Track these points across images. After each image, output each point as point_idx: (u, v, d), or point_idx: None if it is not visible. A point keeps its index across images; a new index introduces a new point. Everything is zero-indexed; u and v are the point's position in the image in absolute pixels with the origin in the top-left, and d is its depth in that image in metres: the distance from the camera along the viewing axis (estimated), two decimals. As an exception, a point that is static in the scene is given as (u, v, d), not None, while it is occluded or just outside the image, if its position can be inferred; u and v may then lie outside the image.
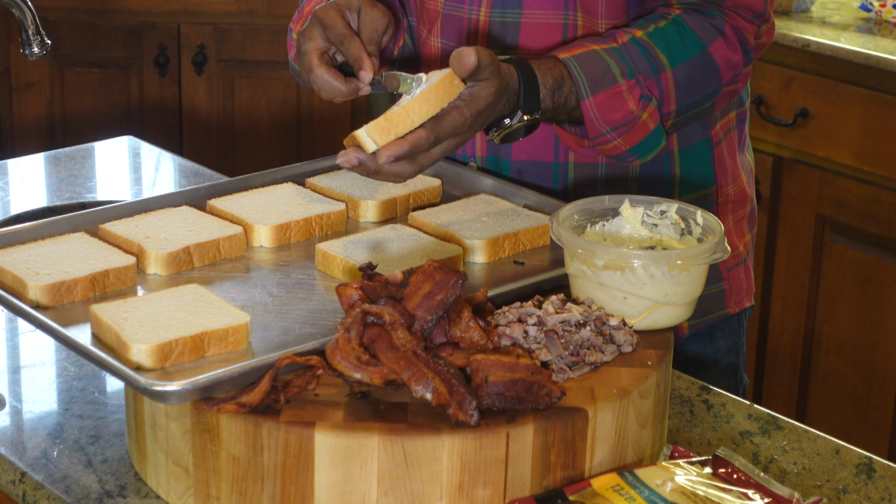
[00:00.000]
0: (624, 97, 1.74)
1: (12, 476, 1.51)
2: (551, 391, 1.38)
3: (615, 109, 1.74)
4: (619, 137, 1.76)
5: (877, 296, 3.12)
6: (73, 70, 3.85)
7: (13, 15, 2.19)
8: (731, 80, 1.82)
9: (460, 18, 1.88)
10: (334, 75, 1.70)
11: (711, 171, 1.94)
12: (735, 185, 1.96)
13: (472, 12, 1.87)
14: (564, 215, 1.60)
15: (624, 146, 1.78)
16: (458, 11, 1.88)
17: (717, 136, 1.93)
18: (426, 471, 1.34)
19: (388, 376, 1.38)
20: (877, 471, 1.56)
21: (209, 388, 1.38)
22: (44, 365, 1.73)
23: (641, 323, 1.52)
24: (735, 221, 1.98)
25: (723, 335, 2.00)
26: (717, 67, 1.80)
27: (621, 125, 1.75)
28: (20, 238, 1.67)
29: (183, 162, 2.41)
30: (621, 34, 1.77)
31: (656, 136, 1.79)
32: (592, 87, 1.73)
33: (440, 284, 1.44)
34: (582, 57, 1.74)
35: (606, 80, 1.74)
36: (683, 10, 1.81)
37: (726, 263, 1.97)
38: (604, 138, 1.76)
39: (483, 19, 1.86)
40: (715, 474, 1.42)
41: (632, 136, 1.77)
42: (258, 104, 3.87)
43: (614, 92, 1.74)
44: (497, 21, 1.85)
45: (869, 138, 3.07)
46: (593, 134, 1.76)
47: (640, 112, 1.75)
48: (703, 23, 1.79)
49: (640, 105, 1.75)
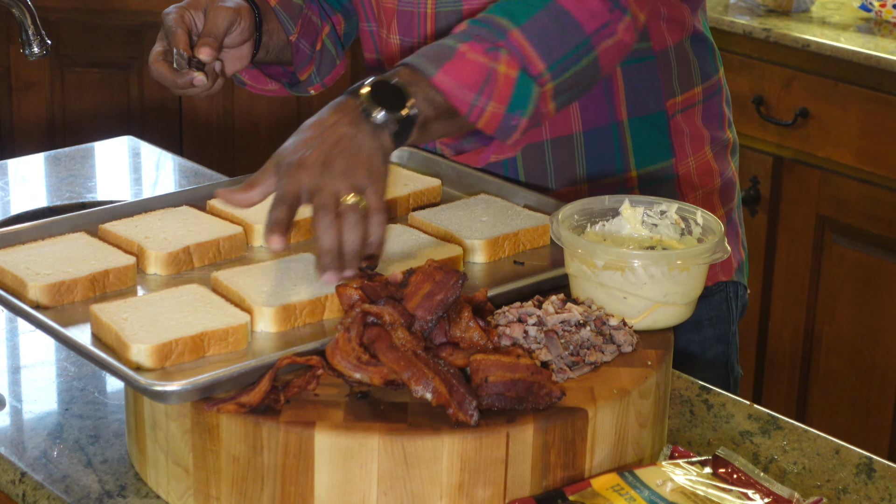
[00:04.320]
0: (469, 57, 1.67)
1: (12, 476, 1.51)
2: (551, 391, 1.38)
3: (467, 71, 1.67)
4: (489, 101, 1.67)
5: (877, 296, 3.12)
6: (73, 70, 3.86)
7: (13, 15, 2.19)
8: (599, 28, 1.74)
9: (412, 13, 1.89)
10: (168, 68, 1.85)
11: (668, 142, 1.92)
12: (697, 159, 1.94)
13: (421, 5, 1.88)
14: (564, 215, 1.60)
15: (500, 108, 1.69)
16: (410, 6, 1.89)
17: (674, 107, 1.91)
18: (426, 471, 1.34)
19: (388, 376, 1.38)
20: (877, 471, 1.56)
21: (209, 388, 1.38)
22: (44, 365, 1.73)
23: (641, 323, 1.52)
24: (703, 196, 1.96)
25: (710, 324, 1.99)
26: (573, 17, 1.72)
27: (482, 84, 1.67)
28: (20, 238, 1.67)
29: (183, 162, 2.41)
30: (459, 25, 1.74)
31: (525, 85, 1.70)
32: (435, 64, 1.66)
33: (440, 284, 1.44)
34: (418, 52, 1.70)
35: (445, 53, 1.67)
36: None
37: None
38: (476, 108, 1.67)
39: (430, 12, 1.87)
40: (715, 474, 1.42)
41: (499, 93, 1.68)
42: (258, 104, 3.87)
43: (458, 56, 1.67)
44: (441, 12, 1.87)
45: (869, 138, 3.07)
46: (464, 108, 1.67)
47: (493, 64, 1.68)
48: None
49: (489, 56, 1.68)
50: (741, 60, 3.22)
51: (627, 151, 1.90)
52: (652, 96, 1.90)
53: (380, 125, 1.60)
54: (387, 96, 1.62)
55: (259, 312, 1.50)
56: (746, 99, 3.23)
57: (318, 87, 2.07)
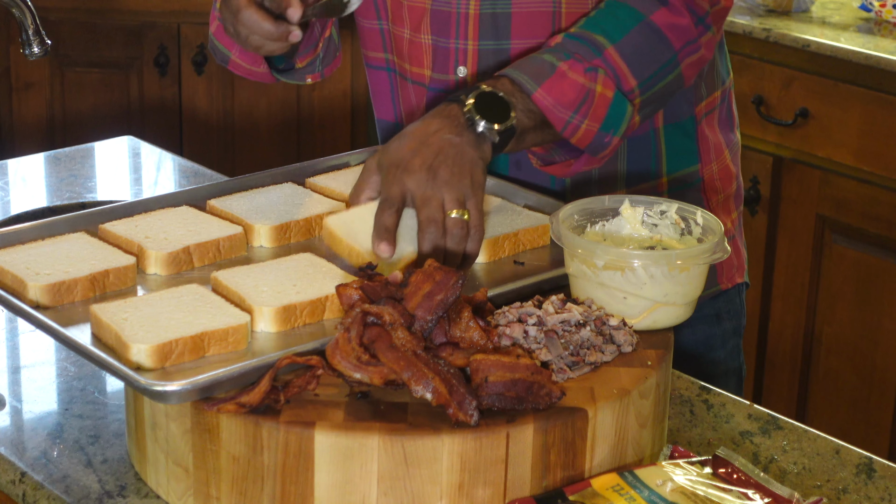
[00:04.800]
0: (569, 76, 1.71)
1: (12, 476, 1.51)
2: (551, 391, 1.38)
3: (566, 91, 1.71)
4: (584, 119, 1.72)
5: (877, 296, 3.12)
6: (73, 70, 3.86)
7: (13, 15, 2.19)
8: (685, 45, 1.78)
9: (449, 13, 1.86)
10: (263, 16, 1.66)
11: (695, 148, 1.93)
12: (719, 163, 1.96)
13: (461, 6, 1.85)
14: (564, 215, 1.60)
15: (594, 126, 1.73)
16: (446, 6, 1.86)
17: (700, 113, 1.93)
18: (426, 471, 1.34)
19: (388, 376, 1.38)
20: (877, 471, 1.56)
21: (209, 388, 1.38)
22: (44, 365, 1.73)
23: (641, 323, 1.52)
24: (723, 200, 1.97)
25: (728, 316, 2.00)
26: (663, 34, 1.76)
27: (579, 104, 1.71)
28: (20, 238, 1.67)
29: (183, 162, 2.41)
30: (554, 38, 1.77)
31: (620, 105, 1.74)
32: (536, 80, 1.70)
33: (440, 284, 1.44)
34: (516, 64, 1.73)
35: (545, 69, 1.71)
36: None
37: None
38: (572, 125, 1.72)
39: (473, 13, 1.84)
40: (715, 474, 1.42)
41: (595, 112, 1.73)
42: (258, 104, 3.87)
43: (558, 75, 1.71)
44: (488, 13, 1.84)
45: (869, 138, 3.07)
46: (560, 125, 1.71)
47: (591, 84, 1.72)
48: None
49: (587, 77, 1.72)
50: (741, 60, 3.22)
51: (661, 157, 1.91)
52: (685, 103, 1.91)
53: (482, 135, 1.64)
54: (491, 107, 1.66)
55: (259, 312, 1.50)
56: (746, 99, 3.23)
57: (317, 77, 2.00)
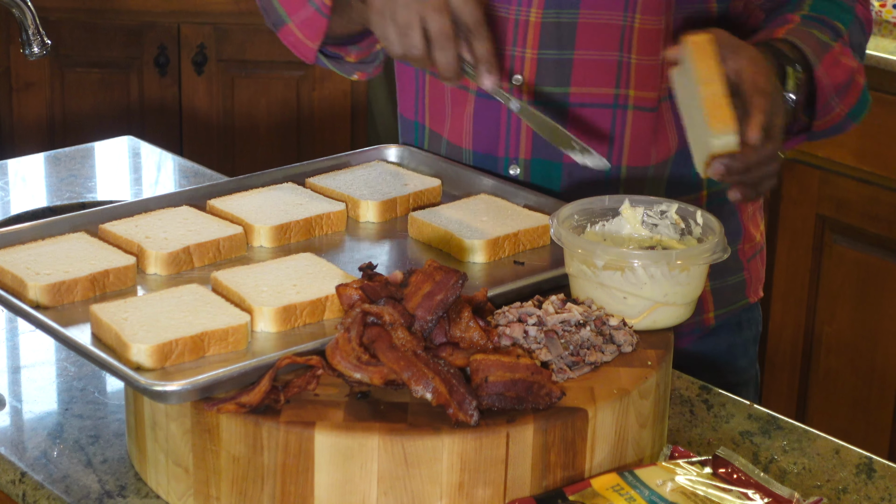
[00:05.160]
0: (840, 59, 1.73)
1: (12, 476, 1.51)
2: (551, 391, 1.38)
3: (839, 72, 1.73)
4: (840, 102, 1.74)
5: (877, 296, 3.12)
6: (73, 70, 3.86)
7: (13, 15, 2.19)
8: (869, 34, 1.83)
9: (505, 20, 1.80)
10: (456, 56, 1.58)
11: None
12: None
13: (521, 13, 1.79)
14: (564, 215, 1.60)
15: (844, 110, 1.76)
16: (503, 12, 1.80)
17: None
18: (426, 471, 1.34)
19: (388, 376, 1.38)
20: (877, 471, 1.56)
21: (209, 388, 1.38)
22: (44, 365, 1.73)
23: (641, 323, 1.52)
24: (753, 212, 1.97)
25: (748, 325, 2.00)
26: (864, 28, 1.80)
27: (842, 87, 1.73)
28: (20, 238, 1.67)
29: (183, 162, 2.41)
30: (790, 16, 1.75)
31: (865, 94, 1.78)
32: (817, 55, 1.70)
33: (440, 284, 1.44)
34: (793, 32, 1.70)
35: (822, 47, 1.71)
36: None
37: (746, 253, 1.96)
38: (829, 107, 1.74)
39: (534, 20, 1.79)
40: (715, 474, 1.42)
41: (849, 97, 1.75)
42: (258, 104, 3.88)
43: (832, 56, 1.72)
44: (551, 22, 1.79)
45: (869, 138, 3.07)
46: (822, 103, 1.72)
47: (854, 68, 1.75)
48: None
49: (853, 61, 1.75)
50: (741, 60, 3.22)
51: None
52: None
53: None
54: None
55: (259, 312, 1.50)
56: (746, 99, 3.23)
57: (365, 76, 1.92)
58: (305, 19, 1.77)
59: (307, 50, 1.81)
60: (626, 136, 1.82)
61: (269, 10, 1.83)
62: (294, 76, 3.84)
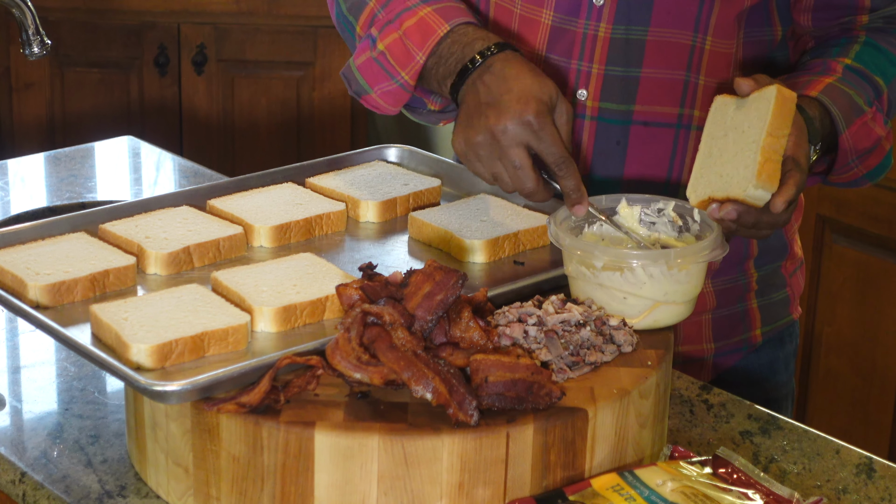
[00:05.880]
0: (870, 126, 1.73)
1: (12, 476, 1.51)
2: (551, 391, 1.38)
3: (865, 138, 1.72)
4: (860, 163, 1.75)
5: (877, 296, 3.12)
6: (73, 70, 3.86)
7: (13, 15, 2.19)
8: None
9: (574, 33, 1.77)
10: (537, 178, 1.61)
11: None
12: None
13: (590, 27, 1.76)
14: (562, 216, 1.60)
15: (861, 171, 1.76)
16: (572, 25, 1.77)
17: None
18: (426, 471, 1.34)
19: (388, 376, 1.38)
20: (877, 471, 1.56)
21: (209, 388, 1.38)
22: (44, 365, 1.73)
23: (642, 322, 1.52)
24: (794, 229, 1.97)
25: (790, 338, 1.99)
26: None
27: (867, 151, 1.74)
28: (20, 238, 1.67)
29: (183, 162, 2.41)
30: (833, 63, 1.74)
31: (888, 158, 1.77)
32: (846, 120, 1.70)
33: (440, 284, 1.44)
34: (828, 91, 1.70)
35: (854, 111, 1.71)
36: (868, 31, 1.78)
37: (788, 269, 1.96)
38: (847, 167, 1.74)
39: (603, 35, 1.76)
40: (715, 474, 1.42)
41: (870, 160, 1.75)
42: (258, 104, 3.88)
43: (862, 122, 1.72)
44: (620, 38, 1.76)
45: (869, 138, 3.07)
46: (841, 164, 1.73)
47: (881, 134, 1.74)
48: (892, 40, 1.78)
49: (883, 129, 1.74)
50: (741, 60, 3.22)
51: None
52: None
53: None
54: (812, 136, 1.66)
55: (259, 312, 1.50)
56: (746, 99, 3.23)
57: (450, 120, 1.88)
58: (388, 91, 1.78)
59: (388, 111, 1.82)
60: (687, 155, 1.81)
61: (351, 80, 1.83)
62: (294, 76, 3.84)
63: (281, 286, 1.55)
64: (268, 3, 3.79)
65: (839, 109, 1.70)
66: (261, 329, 1.50)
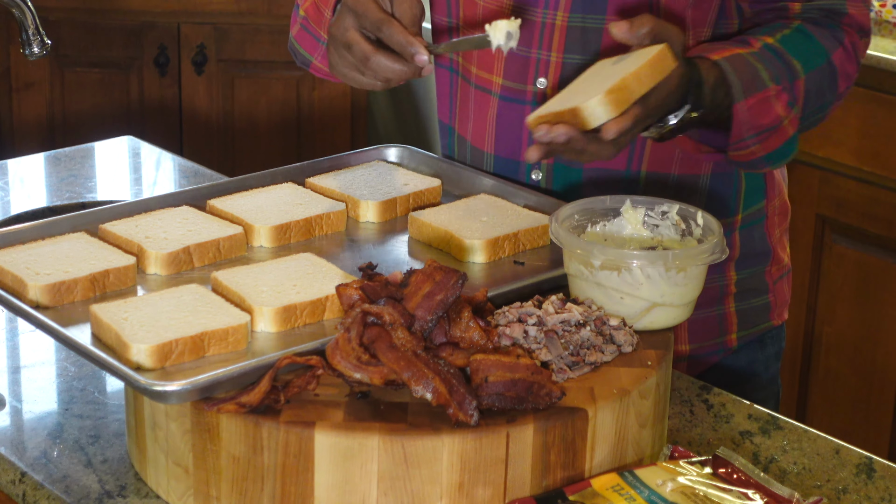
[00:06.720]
0: (772, 102, 1.71)
1: (12, 476, 1.51)
2: (551, 391, 1.38)
3: (763, 114, 1.71)
4: (758, 143, 1.73)
5: (877, 296, 3.12)
6: (73, 70, 3.86)
7: (13, 15, 2.19)
8: (843, 91, 1.79)
9: (532, 22, 1.79)
10: (393, 58, 1.62)
11: (763, 184, 1.92)
12: (780, 199, 1.96)
13: (548, 16, 1.79)
14: (564, 215, 1.60)
15: (760, 152, 1.74)
16: (531, 15, 1.80)
17: None
18: (426, 471, 1.34)
19: (388, 376, 1.38)
20: (877, 471, 1.56)
21: (209, 388, 1.38)
22: (44, 365, 1.73)
23: (638, 323, 1.52)
24: (780, 234, 1.97)
25: (771, 343, 1.99)
26: (837, 76, 1.77)
27: (765, 130, 1.72)
28: (20, 238, 1.67)
29: (183, 162, 2.41)
30: (753, 39, 1.74)
31: (791, 143, 1.75)
32: (745, 91, 1.69)
33: (440, 284, 1.44)
34: (732, 60, 1.70)
35: (757, 84, 1.70)
36: (803, 20, 1.78)
37: (773, 276, 1.96)
38: (743, 143, 1.72)
39: (560, 23, 1.78)
40: (715, 474, 1.42)
41: (770, 142, 1.73)
42: (258, 104, 3.88)
43: (764, 97, 1.70)
44: (577, 27, 1.78)
45: (869, 138, 3.07)
46: (735, 139, 1.72)
47: (784, 117, 1.72)
48: (826, 32, 1.77)
49: (786, 111, 1.72)
50: (741, 60, 3.22)
51: (741, 193, 1.89)
52: None
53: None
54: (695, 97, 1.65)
55: (259, 312, 1.50)
56: (746, 99, 3.23)
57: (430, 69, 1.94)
58: (324, 55, 1.83)
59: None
60: (646, 147, 1.81)
61: (295, 53, 1.91)
62: (294, 76, 3.84)
63: (281, 286, 1.55)
64: (268, 3, 3.79)
65: (739, 78, 1.69)
66: (261, 329, 1.50)
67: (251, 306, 1.51)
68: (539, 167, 1.86)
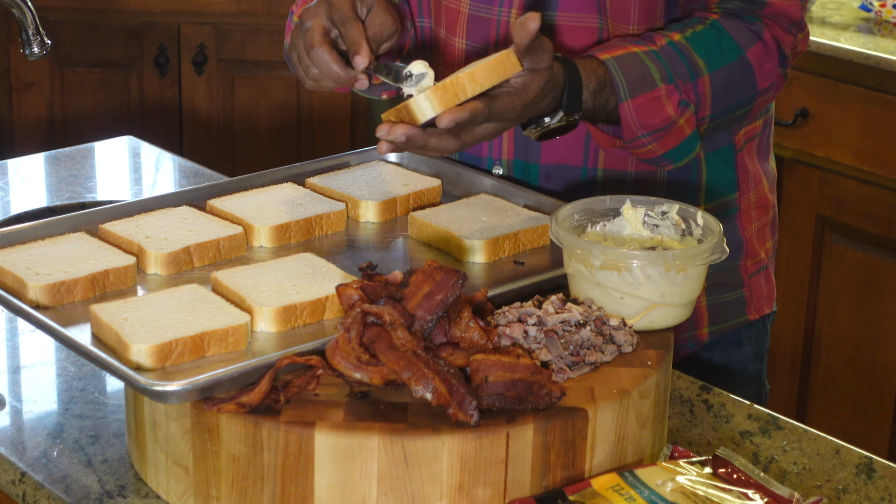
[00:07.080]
0: (662, 102, 1.72)
1: (12, 476, 1.51)
2: (551, 391, 1.38)
3: (653, 114, 1.72)
4: (654, 142, 1.74)
5: (877, 296, 3.12)
6: (73, 70, 3.86)
7: (13, 15, 2.19)
8: (766, 88, 1.79)
9: (488, 20, 1.83)
10: (334, 57, 1.65)
11: (734, 177, 1.92)
12: (757, 192, 1.95)
13: (502, 14, 1.82)
14: (564, 215, 1.60)
15: (658, 150, 1.75)
16: (486, 13, 1.83)
17: (740, 142, 1.91)
18: (426, 471, 1.34)
19: (388, 376, 1.38)
20: (877, 471, 1.56)
21: (209, 388, 1.38)
22: (44, 365, 1.73)
23: (638, 323, 1.52)
24: (758, 228, 1.96)
25: (749, 342, 1.98)
26: (754, 73, 1.77)
27: (657, 129, 1.73)
28: (20, 238, 1.67)
29: (183, 162, 2.41)
30: (659, 37, 1.75)
31: (691, 142, 1.76)
32: (631, 91, 1.70)
33: (440, 284, 1.44)
34: (622, 59, 1.71)
35: (646, 84, 1.71)
36: (722, 15, 1.78)
37: (748, 270, 1.95)
38: (638, 142, 1.74)
39: (514, 21, 1.79)
40: (715, 474, 1.42)
41: (667, 140, 1.74)
42: (258, 104, 3.88)
43: (653, 96, 1.71)
44: None
45: (869, 138, 3.07)
46: (628, 137, 1.73)
47: (677, 117, 1.73)
48: (742, 28, 1.77)
49: (678, 111, 1.73)
50: (741, 60, 3.22)
51: (701, 185, 1.90)
52: (725, 131, 1.89)
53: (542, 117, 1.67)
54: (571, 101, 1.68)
55: (259, 312, 1.50)
56: (746, 99, 3.23)
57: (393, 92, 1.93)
58: None
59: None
60: None
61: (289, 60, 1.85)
62: (294, 76, 3.83)
63: (281, 286, 1.55)
64: (268, 3, 3.79)
65: (626, 78, 1.70)
66: (261, 329, 1.50)
67: (251, 306, 1.51)
68: (500, 162, 1.89)
